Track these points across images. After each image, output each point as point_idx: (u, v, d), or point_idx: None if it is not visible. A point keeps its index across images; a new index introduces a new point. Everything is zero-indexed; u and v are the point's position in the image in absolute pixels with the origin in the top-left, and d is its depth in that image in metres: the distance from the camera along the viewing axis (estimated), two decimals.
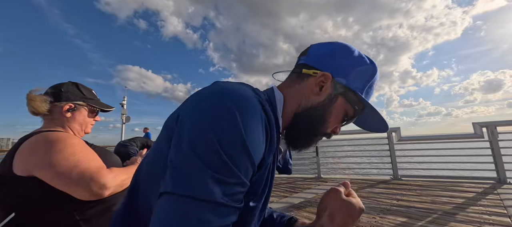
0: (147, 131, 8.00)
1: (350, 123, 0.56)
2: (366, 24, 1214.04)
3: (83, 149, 0.75)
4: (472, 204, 2.33)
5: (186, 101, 0.43)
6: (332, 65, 0.50)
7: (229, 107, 0.35)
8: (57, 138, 0.71)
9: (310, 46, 0.55)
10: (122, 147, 3.94)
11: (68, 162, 0.67)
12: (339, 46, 0.52)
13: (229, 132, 0.34)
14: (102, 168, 0.74)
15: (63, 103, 0.86)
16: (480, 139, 3.37)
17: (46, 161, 0.66)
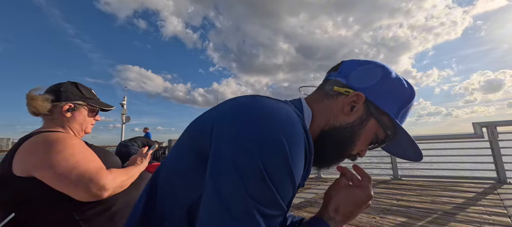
0: (147, 131, 8.00)
1: (378, 147, 0.53)
2: (366, 24, 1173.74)
3: (82, 149, 0.74)
4: (472, 204, 2.33)
5: (221, 112, 0.40)
6: (366, 85, 0.47)
7: (277, 134, 0.34)
8: (56, 139, 0.71)
9: (342, 62, 0.52)
10: (124, 147, 3.95)
11: (68, 163, 0.67)
12: (375, 66, 0.49)
13: (278, 163, 0.33)
14: (102, 169, 0.73)
15: (63, 103, 0.86)
16: (480, 139, 3.36)
17: (45, 161, 0.65)
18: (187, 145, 0.42)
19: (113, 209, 0.74)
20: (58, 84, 0.89)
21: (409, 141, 0.48)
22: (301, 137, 0.37)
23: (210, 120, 0.40)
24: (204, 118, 0.44)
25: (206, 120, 0.42)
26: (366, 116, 0.47)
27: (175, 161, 0.43)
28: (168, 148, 5.73)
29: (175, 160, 0.43)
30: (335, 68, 0.52)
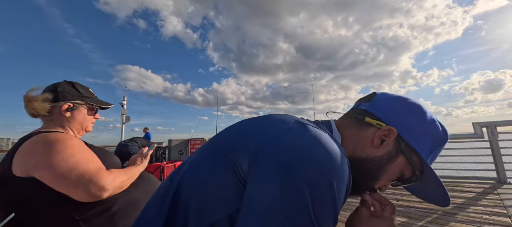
0: (147, 131, 8.00)
1: (401, 185, 0.51)
2: (367, 23, 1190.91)
3: (82, 150, 0.74)
4: (472, 204, 2.33)
5: (266, 136, 0.39)
6: (400, 121, 0.46)
7: (328, 176, 0.33)
8: (56, 139, 0.71)
9: (375, 94, 0.51)
10: (123, 147, 3.98)
11: (67, 163, 0.67)
12: (411, 104, 0.48)
13: (327, 206, 0.33)
14: (101, 169, 0.73)
15: (62, 103, 0.85)
16: (480, 139, 3.36)
17: (45, 162, 0.65)
18: (217, 157, 0.40)
19: (113, 209, 0.73)
20: (55, 84, 0.89)
21: (437, 184, 0.46)
22: (347, 174, 0.36)
23: (251, 139, 0.39)
24: (242, 134, 0.42)
25: (246, 138, 0.40)
26: (395, 152, 0.46)
27: (205, 173, 0.40)
28: (168, 148, 5.73)
29: (205, 172, 0.40)
30: (367, 99, 0.52)
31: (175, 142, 5.59)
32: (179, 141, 5.58)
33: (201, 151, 0.46)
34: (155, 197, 0.45)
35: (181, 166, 0.47)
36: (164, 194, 0.42)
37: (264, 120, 0.44)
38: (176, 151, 5.42)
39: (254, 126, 0.43)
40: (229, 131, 0.45)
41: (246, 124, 0.45)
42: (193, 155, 0.48)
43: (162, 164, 4.08)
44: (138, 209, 0.80)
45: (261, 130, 0.41)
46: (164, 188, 0.44)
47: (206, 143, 0.47)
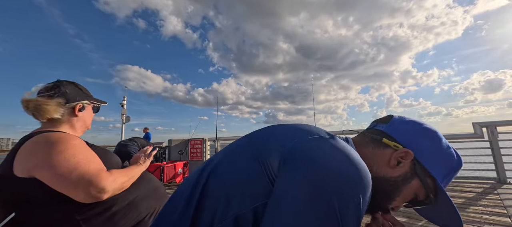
0: (147, 131, 7.99)
1: (413, 207, 0.53)
2: (367, 23, 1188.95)
3: (84, 150, 0.74)
4: (472, 204, 2.33)
5: (296, 136, 0.42)
6: (417, 144, 0.47)
7: (356, 189, 0.35)
8: (58, 139, 0.71)
9: (392, 117, 0.53)
10: (123, 147, 3.99)
11: (68, 164, 0.67)
12: (428, 129, 0.49)
13: (350, 216, 0.34)
14: (102, 170, 0.73)
15: (74, 103, 0.87)
16: (480, 139, 3.36)
17: (46, 162, 0.65)
18: (250, 162, 0.42)
19: (113, 209, 0.73)
20: (58, 85, 0.87)
21: (451, 209, 0.47)
22: (370, 189, 0.38)
23: (284, 142, 0.42)
24: (275, 136, 0.45)
25: (278, 140, 0.43)
26: (410, 174, 0.47)
27: (235, 169, 0.43)
28: (168, 148, 5.73)
29: (235, 168, 0.43)
30: (384, 120, 0.53)
31: (175, 142, 5.59)
32: (179, 141, 5.58)
33: (232, 149, 0.49)
34: (185, 186, 0.47)
35: (211, 160, 0.50)
36: (195, 184, 0.45)
37: (296, 126, 0.47)
38: (176, 151, 5.42)
39: (287, 131, 0.46)
40: (261, 133, 0.49)
41: (279, 129, 0.48)
42: (223, 151, 0.51)
43: (162, 164, 4.08)
44: (138, 209, 0.80)
45: (294, 135, 0.43)
46: (195, 178, 0.46)
47: (237, 142, 0.51)
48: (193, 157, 5.35)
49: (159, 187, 0.95)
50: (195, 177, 0.47)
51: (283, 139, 0.43)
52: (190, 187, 0.45)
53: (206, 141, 5.47)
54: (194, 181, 0.45)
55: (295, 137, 0.42)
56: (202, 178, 0.44)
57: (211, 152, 5.52)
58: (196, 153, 5.36)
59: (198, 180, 0.45)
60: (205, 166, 0.48)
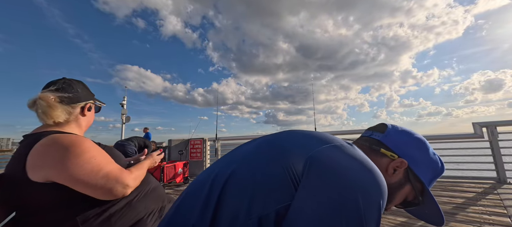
0: (147, 131, 7.98)
1: (402, 208, 0.60)
2: (367, 23, 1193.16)
3: (98, 152, 0.75)
4: (472, 204, 2.33)
5: (320, 141, 0.45)
6: (410, 154, 0.53)
7: (378, 195, 0.37)
8: (71, 142, 0.70)
9: (386, 126, 0.58)
10: (120, 146, 3.99)
11: (92, 166, 0.68)
12: (419, 139, 0.56)
13: (373, 220, 0.36)
14: (122, 169, 0.77)
15: (83, 103, 0.87)
16: (480, 139, 3.36)
17: (67, 166, 0.65)
18: (274, 160, 0.43)
19: (111, 210, 0.73)
20: (69, 83, 0.85)
21: (435, 207, 0.54)
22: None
23: (309, 146, 0.44)
24: (299, 139, 0.48)
25: (303, 144, 0.45)
26: (404, 181, 0.53)
27: (258, 171, 0.43)
28: (168, 148, 5.73)
29: (258, 170, 0.43)
30: (380, 130, 0.58)
31: (175, 142, 5.59)
32: (179, 141, 5.58)
33: (250, 151, 0.50)
34: (200, 187, 0.47)
35: (228, 162, 0.50)
36: (212, 184, 0.45)
37: (316, 133, 0.51)
38: (176, 151, 5.42)
39: (309, 136, 0.48)
40: (280, 136, 0.51)
41: (301, 134, 0.51)
42: (239, 153, 0.51)
43: (162, 164, 4.08)
44: (136, 210, 0.80)
45: (317, 141, 0.46)
46: (211, 179, 0.46)
47: (254, 145, 0.52)
48: (193, 157, 5.35)
49: (158, 187, 0.95)
50: (210, 178, 0.47)
51: (307, 144, 0.45)
52: (207, 188, 0.45)
53: (206, 141, 5.47)
54: (210, 181, 0.46)
55: (319, 143, 0.45)
56: (220, 179, 0.45)
57: (211, 152, 5.51)
58: (196, 153, 5.36)
59: (215, 181, 0.45)
60: (222, 167, 0.48)
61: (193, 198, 0.46)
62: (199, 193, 0.46)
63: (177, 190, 3.84)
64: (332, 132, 4.71)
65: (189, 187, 0.52)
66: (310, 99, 5.00)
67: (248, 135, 5.31)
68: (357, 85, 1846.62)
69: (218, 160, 0.54)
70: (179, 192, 3.72)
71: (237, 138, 5.68)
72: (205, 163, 5.29)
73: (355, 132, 4.82)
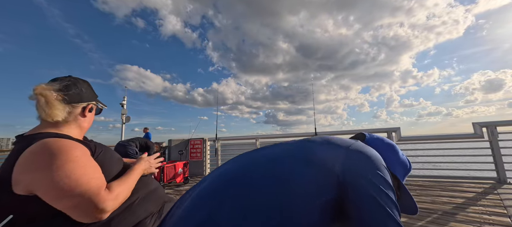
0: (147, 131, 7.97)
1: None
2: (367, 22, 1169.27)
3: (85, 163, 0.69)
4: (472, 204, 2.33)
5: (345, 144, 0.61)
6: (385, 156, 0.64)
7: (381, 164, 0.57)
8: (58, 150, 0.65)
9: (365, 135, 0.74)
10: (122, 147, 4.01)
11: (69, 181, 0.62)
12: (390, 144, 0.71)
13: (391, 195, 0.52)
14: (102, 188, 0.67)
15: (84, 103, 0.84)
16: (480, 139, 3.36)
17: (45, 178, 0.61)
18: (306, 162, 0.56)
19: (111, 215, 0.71)
20: (74, 82, 0.82)
21: (410, 199, 0.67)
22: None
23: (340, 149, 0.59)
24: (324, 144, 0.62)
25: (331, 147, 0.60)
26: None
27: (290, 174, 0.53)
28: (168, 148, 5.73)
29: (290, 173, 0.53)
30: (361, 139, 0.73)
31: (175, 142, 5.59)
32: (179, 141, 5.58)
33: (274, 155, 0.61)
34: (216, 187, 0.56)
35: (248, 166, 0.60)
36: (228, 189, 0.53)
37: (334, 137, 0.66)
38: (176, 151, 5.41)
39: (330, 140, 0.63)
40: (306, 143, 0.64)
41: (319, 139, 0.65)
42: (264, 156, 0.62)
43: (162, 164, 4.08)
44: (136, 213, 0.79)
45: (342, 141, 0.62)
46: (223, 184, 0.56)
47: (278, 149, 0.64)
48: (193, 157, 5.35)
49: (158, 189, 0.94)
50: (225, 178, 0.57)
51: (336, 145, 0.60)
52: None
53: (206, 141, 5.47)
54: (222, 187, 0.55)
55: (345, 142, 0.61)
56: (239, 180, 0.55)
57: (211, 152, 5.51)
58: (196, 153, 5.36)
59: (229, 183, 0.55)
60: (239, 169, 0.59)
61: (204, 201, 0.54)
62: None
63: (177, 190, 3.84)
64: (332, 132, 4.71)
65: (201, 190, 0.58)
66: (310, 99, 4.99)
67: (248, 135, 5.31)
68: (357, 85, 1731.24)
69: (237, 161, 0.65)
70: (179, 192, 3.72)
71: (237, 138, 5.68)
72: (205, 163, 5.29)
73: (355, 132, 4.82)
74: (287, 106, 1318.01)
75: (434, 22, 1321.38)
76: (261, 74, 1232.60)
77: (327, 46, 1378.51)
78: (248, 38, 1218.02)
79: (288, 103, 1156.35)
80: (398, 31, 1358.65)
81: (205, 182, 0.61)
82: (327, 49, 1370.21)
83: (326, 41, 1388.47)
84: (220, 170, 0.63)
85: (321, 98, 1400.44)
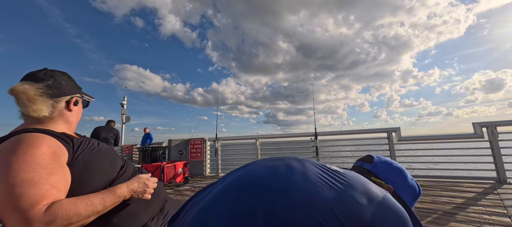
0: (147, 131, 7.95)
1: None
2: (368, 22, 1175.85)
3: (37, 165, 0.58)
4: (472, 204, 2.33)
5: (385, 211, 0.45)
6: (393, 180, 0.62)
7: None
8: (20, 145, 0.60)
9: (373, 157, 0.69)
10: (99, 128, 4.34)
11: (6, 183, 0.53)
12: (398, 168, 0.66)
13: None
14: (41, 201, 0.55)
15: (68, 97, 0.79)
16: (480, 139, 3.36)
17: None
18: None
19: (114, 221, 0.71)
20: (51, 75, 0.77)
21: (417, 223, 0.61)
22: None
23: (363, 209, 0.43)
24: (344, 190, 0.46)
25: (354, 200, 0.44)
26: None
27: None
28: (168, 148, 5.73)
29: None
30: (368, 161, 0.69)
31: (175, 142, 5.59)
32: (179, 141, 5.58)
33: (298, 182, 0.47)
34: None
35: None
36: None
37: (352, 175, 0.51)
38: (176, 151, 5.42)
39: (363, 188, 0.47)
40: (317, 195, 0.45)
41: (350, 182, 0.49)
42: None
43: (162, 164, 4.08)
44: (138, 218, 0.77)
45: (371, 194, 0.46)
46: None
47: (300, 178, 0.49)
48: (193, 157, 5.35)
49: (160, 190, 0.92)
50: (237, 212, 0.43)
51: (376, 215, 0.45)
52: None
53: (206, 141, 5.47)
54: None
55: (373, 196, 0.46)
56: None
57: (211, 152, 5.52)
58: (196, 153, 5.36)
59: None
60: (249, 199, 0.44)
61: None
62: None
63: (177, 190, 3.84)
64: (332, 132, 4.71)
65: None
66: (310, 99, 4.99)
67: (248, 135, 5.31)
68: (357, 85, 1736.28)
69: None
70: (179, 192, 3.71)
71: (237, 138, 5.69)
72: (205, 163, 5.29)
73: (355, 132, 4.82)
74: (287, 106, 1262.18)
75: (435, 21, 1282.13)
76: (261, 74, 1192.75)
77: (327, 46, 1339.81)
78: (248, 37, 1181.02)
79: (288, 103, 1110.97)
80: (399, 31, 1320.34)
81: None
82: (327, 48, 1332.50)
83: (327, 40, 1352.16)
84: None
85: (321, 98, 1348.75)
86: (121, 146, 6.15)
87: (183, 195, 3.47)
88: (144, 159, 5.53)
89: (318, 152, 4.38)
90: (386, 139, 3.96)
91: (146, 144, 6.33)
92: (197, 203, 0.51)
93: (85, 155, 0.71)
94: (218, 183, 0.56)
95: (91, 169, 0.71)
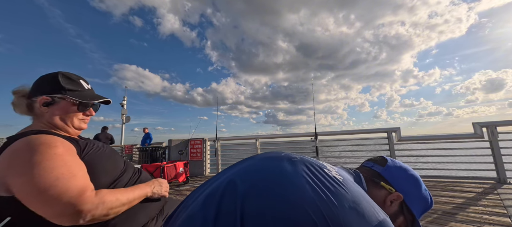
0: (147, 131, 7.93)
1: None
2: (368, 21, 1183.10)
3: (66, 161, 0.63)
4: (472, 204, 2.33)
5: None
6: (405, 189, 0.58)
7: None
8: (38, 145, 0.62)
9: (386, 160, 0.63)
10: (101, 135, 4.35)
11: (45, 179, 0.56)
12: (413, 176, 0.60)
13: None
14: (86, 189, 0.60)
15: (38, 97, 0.75)
16: (480, 139, 3.36)
17: (20, 176, 0.56)
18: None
19: (111, 223, 0.70)
20: (38, 78, 0.81)
21: None
22: None
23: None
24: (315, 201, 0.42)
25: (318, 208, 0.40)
26: (398, 213, 0.58)
27: None
28: (168, 148, 5.73)
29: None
30: (381, 163, 0.63)
31: (175, 142, 5.59)
32: (179, 141, 5.58)
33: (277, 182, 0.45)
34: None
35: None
36: None
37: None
38: (176, 151, 5.42)
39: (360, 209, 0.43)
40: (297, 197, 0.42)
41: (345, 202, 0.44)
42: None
43: (162, 164, 4.08)
44: (137, 219, 0.77)
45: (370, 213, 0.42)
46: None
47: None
48: (193, 157, 5.35)
49: None
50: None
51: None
52: None
53: (206, 141, 5.47)
54: None
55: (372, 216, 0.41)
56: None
57: (211, 152, 5.52)
58: (196, 153, 5.36)
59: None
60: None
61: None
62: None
63: (177, 190, 3.84)
64: (332, 132, 4.71)
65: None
66: (310, 98, 4.98)
67: (248, 135, 5.31)
68: (357, 84, 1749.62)
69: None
70: (180, 192, 3.72)
71: (237, 138, 5.68)
72: (205, 163, 5.29)
73: (355, 132, 4.82)
74: (287, 106, 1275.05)
75: (437, 20, 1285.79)
76: (261, 73, 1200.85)
77: (328, 45, 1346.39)
78: (248, 37, 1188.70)
79: (288, 103, 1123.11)
80: (400, 30, 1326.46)
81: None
82: (327, 48, 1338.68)
83: (327, 40, 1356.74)
84: None
85: (321, 98, 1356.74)
86: (121, 146, 6.16)
87: (183, 195, 3.47)
88: (144, 159, 5.54)
89: (318, 152, 4.38)
90: (386, 139, 3.96)
91: (146, 144, 6.33)
92: (187, 207, 0.52)
93: (91, 155, 0.74)
94: (209, 183, 0.56)
95: (97, 169, 0.73)
